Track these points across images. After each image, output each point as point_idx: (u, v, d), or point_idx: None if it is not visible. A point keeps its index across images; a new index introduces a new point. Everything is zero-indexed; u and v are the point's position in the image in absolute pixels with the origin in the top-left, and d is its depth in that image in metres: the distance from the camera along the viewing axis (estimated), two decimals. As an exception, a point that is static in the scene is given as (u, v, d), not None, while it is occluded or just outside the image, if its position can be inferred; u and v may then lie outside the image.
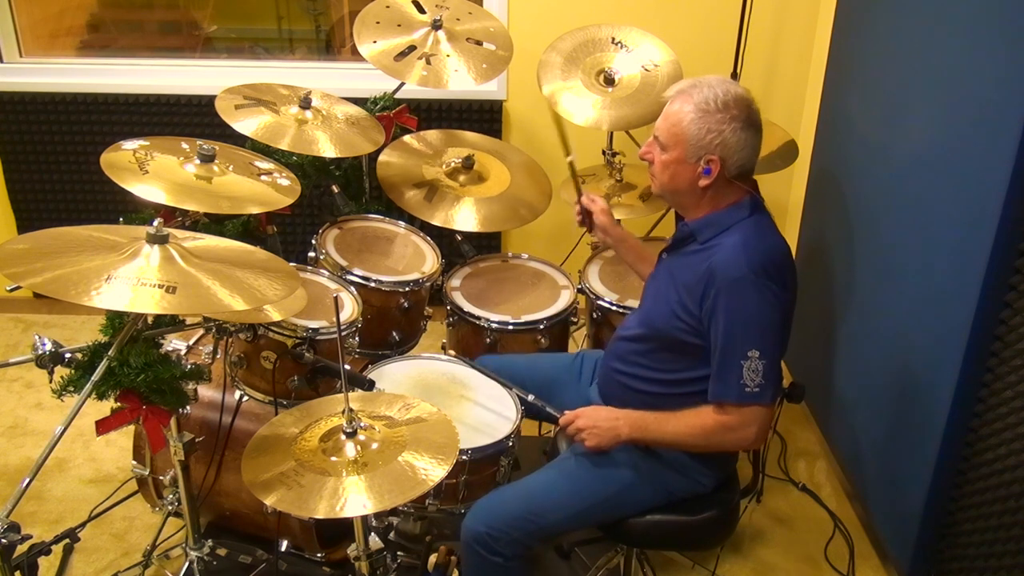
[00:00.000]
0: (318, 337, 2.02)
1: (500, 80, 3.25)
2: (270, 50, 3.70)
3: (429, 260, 2.50)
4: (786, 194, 3.40)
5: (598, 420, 1.86)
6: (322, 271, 2.32)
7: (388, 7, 2.71)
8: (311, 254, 2.39)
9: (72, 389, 1.64)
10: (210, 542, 2.09)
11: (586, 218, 2.23)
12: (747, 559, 2.50)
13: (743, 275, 1.70)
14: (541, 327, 2.37)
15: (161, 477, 2.21)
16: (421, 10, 2.71)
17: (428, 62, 2.60)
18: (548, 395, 2.10)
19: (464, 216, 2.49)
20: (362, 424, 1.60)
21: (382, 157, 2.58)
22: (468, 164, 2.60)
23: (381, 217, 2.62)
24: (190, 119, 3.33)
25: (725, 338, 1.72)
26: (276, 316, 1.90)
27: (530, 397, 1.98)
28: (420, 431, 1.62)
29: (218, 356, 2.05)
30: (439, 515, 1.96)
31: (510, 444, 1.94)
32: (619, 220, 2.86)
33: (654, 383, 1.89)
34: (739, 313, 1.71)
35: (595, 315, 2.45)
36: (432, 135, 2.73)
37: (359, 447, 1.56)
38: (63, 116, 3.35)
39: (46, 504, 2.60)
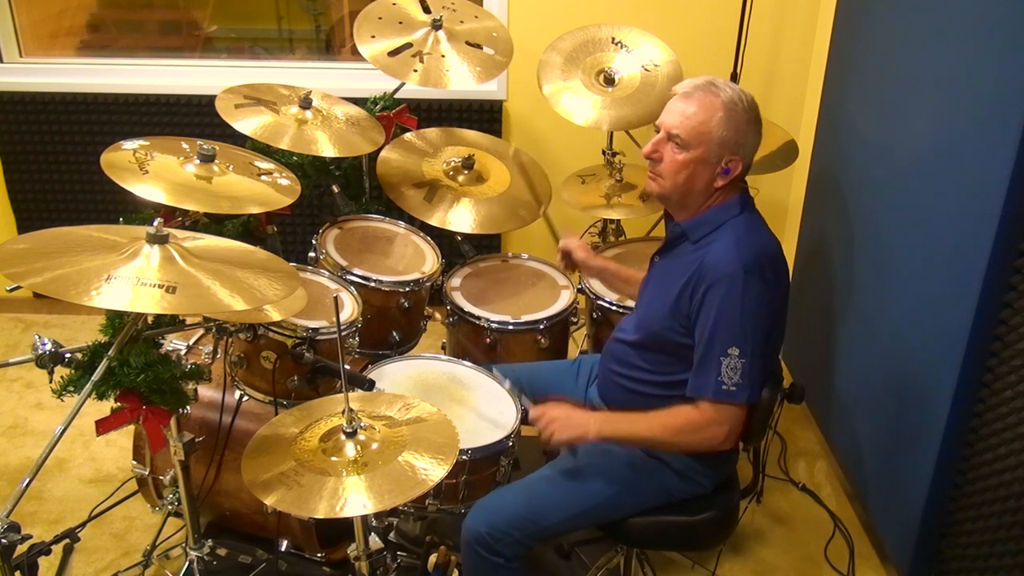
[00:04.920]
0: (318, 337, 2.03)
1: (500, 80, 3.25)
2: (270, 50, 3.70)
3: (429, 260, 2.50)
4: (786, 194, 3.40)
5: (571, 415, 1.82)
6: (322, 271, 2.32)
7: (394, 4, 2.70)
8: (311, 254, 2.40)
9: (72, 389, 1.64)
10: (210, 542, 2.09)
11: (567, 260, 2.25)
12: (747, 559, 2.50)
13: (735, 271, 1.70)
14: (541, 327, 2.37)
15: (161, 477, 2.21)
16: (427, 10, 2.71)
17: (421, 60, 2.60)
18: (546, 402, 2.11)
19: (463, 217, 2.49)
20: (362, 424, 1.60)
21: (382, 154, 2.58)
22: (468, 164, 2.60)
23: (381, 217, 2.62)
24: (190, 119, 3.33)
25: (710, 333, 1.71)
26: (276, 316, 1.90)
27: (506, 384, 1.98)
28: (420, 431, 1.62)
29: (218, 356, 2.05)
30: (439, 515, 1.96)
31: (510, 444, 1.94)
32: (618, 220, 2.89)
33: (653, 385, 1.88)
34: (726, 309, 1.70)
35: (595, 315, 2.45)
36: (432, 133, 2.73)
37: (359, 447, 1.56)
38: (63, 116, 3.34)
39: (46, 504, 2.60)
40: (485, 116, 3.31)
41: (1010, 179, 1.82)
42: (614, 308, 2.38)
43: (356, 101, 2.61)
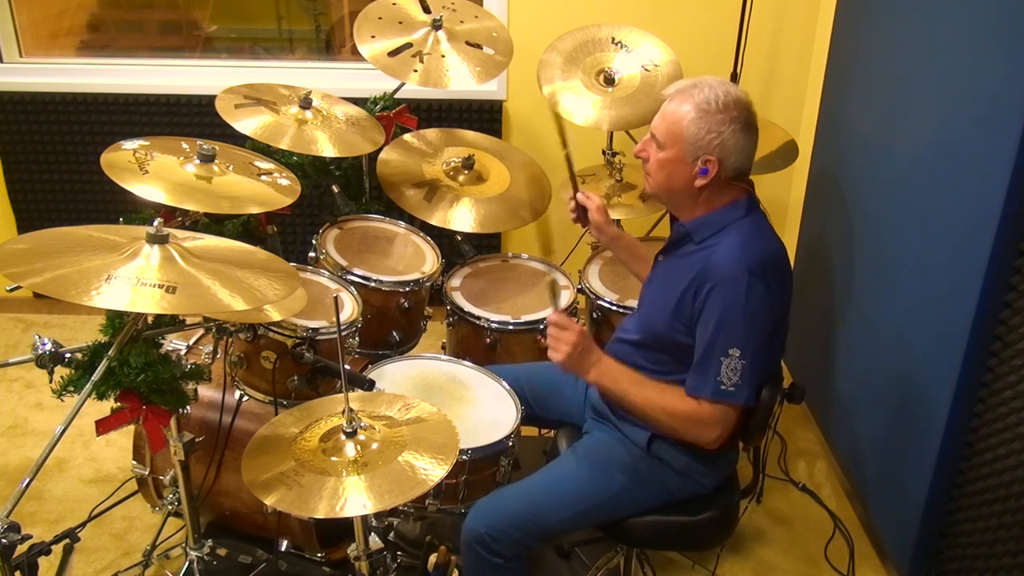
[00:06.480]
0: (318, 337, 2.03)
1: (500, 80, 3.25)
2: (270, 50, 3.70)
3: (429, 260, 2.50)
4: (786, 194, 3.40)
5: (582, 344, 1.76)
6: (322, 271, 2.32)
7: (394, 4, 2.70)
8: (311, 254, 2.40)
9: (72, 389, 1.64)
10: (210, 542, 2.09)
11: (580, 214, 2.22)
12: (747, 559, 2.50)
13: (739, 275, 1.70)
14: (541, 327, 2.37)
15: (161, 477, 2.21)
16: (427, 10, 2.71)
17: (421, 60, 2.60)
18: (546, 401, 2.11)
19: (463, 217, 2.49)
20: (362, 424, 1.60)
21: (382, 155, 2.58)
22: (468, 164, 2.60)
23: (381, 217, 2.62)
24: (190, 119, 3.33)
25: (712, 334, 1.71)
26: (276, 316, 1.90)
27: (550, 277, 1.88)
28: (420, 431, 1.62)
29: (218, 356, 2.05)
30: (439, 515, 1.96)
31: (510, 444, 1.94)
32: (618, 220, 2.89)
33: (656, 386, 1.88)
34: (728, 311, 1.70)
35: (595, 315, 2.45)
36: (432, 133, 2.73)
37: (359, 447, 1.56)
38: (63, 116, 3.34)
39: (46, 504, 2.60)
40: (485, 116, 3.31)
41: (1010, 179, 1.82)
42: (614, 308, 2.38)
43: (356, 101, 2.61)
